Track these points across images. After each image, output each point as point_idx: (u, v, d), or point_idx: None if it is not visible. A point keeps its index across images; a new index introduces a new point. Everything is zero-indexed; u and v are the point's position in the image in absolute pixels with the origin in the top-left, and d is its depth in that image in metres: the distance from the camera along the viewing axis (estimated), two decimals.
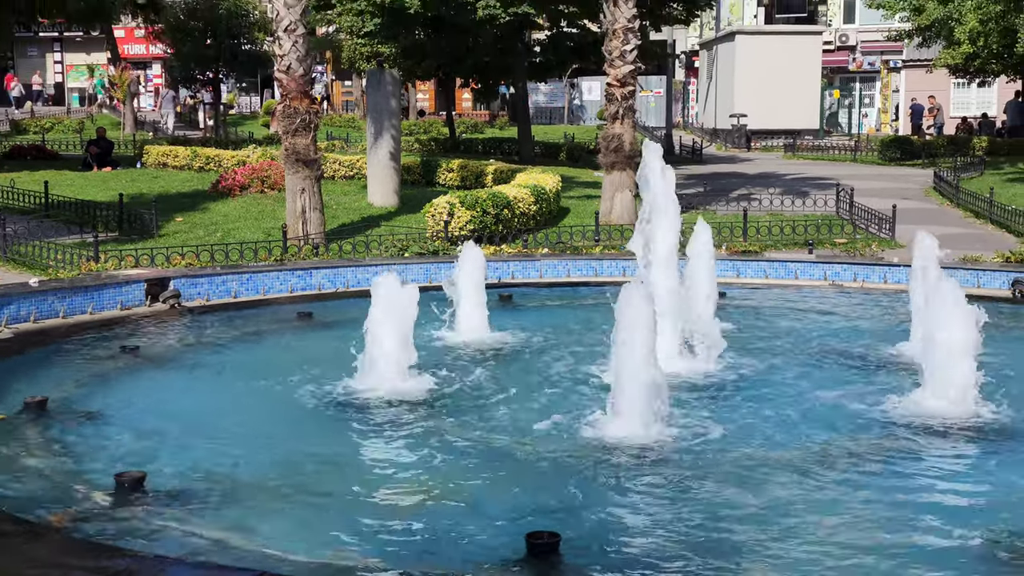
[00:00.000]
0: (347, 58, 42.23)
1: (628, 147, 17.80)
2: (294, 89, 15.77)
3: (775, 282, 12.96)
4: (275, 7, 15.86)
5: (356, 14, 26.99)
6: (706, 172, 28.53)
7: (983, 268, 12.34)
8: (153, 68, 57.09)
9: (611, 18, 17.69)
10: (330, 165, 23.28)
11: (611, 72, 17.89)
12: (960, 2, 27.12)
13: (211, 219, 17.77)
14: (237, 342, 9.97)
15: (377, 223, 17.38)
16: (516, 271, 13.24)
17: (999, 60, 29.82)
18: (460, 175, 22.83)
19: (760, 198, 20.29)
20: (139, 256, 12.69)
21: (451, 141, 33.45)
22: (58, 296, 10.44)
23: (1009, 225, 16.97)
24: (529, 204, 16.90)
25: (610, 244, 15.10)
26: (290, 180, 15.86)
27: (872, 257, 13.78)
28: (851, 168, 30.07)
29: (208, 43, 33.96)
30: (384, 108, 20.32)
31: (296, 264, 12.74)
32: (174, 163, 25.70)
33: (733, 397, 7.99)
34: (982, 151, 31.41)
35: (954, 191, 20.73)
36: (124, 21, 45.59)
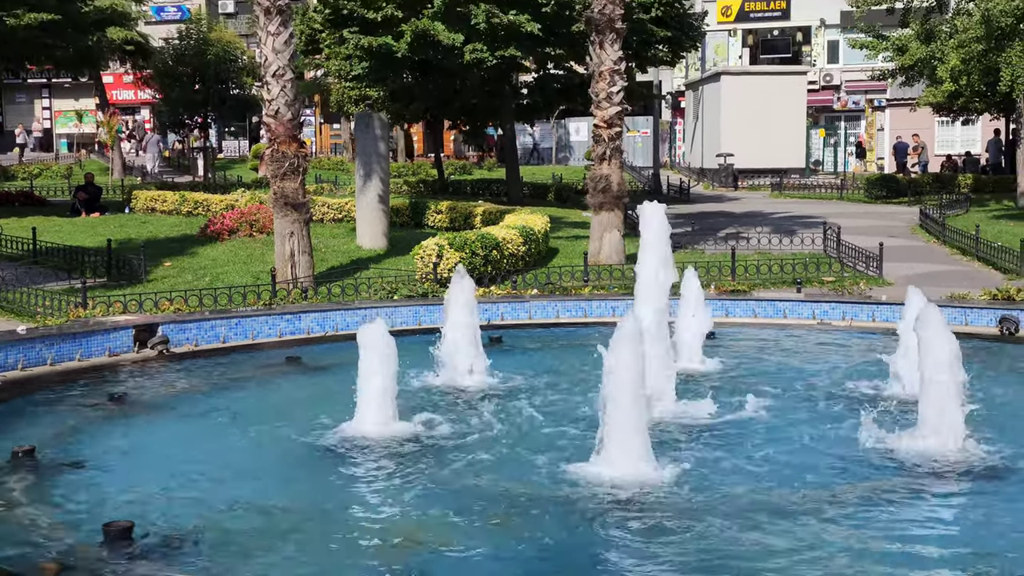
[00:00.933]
0: (335, 101, 42.34)
1: (616, 187, 17.86)
2: (282, 133, 15.82)
3: (764, 321, 12.98)
4: (263, 52, 15.91)
5: (344, 58, 27.11)
6: (694, 211, 28.64)
7: (970, 306, 12.38)
8: (141, 113, 57.27)
9: (597, 61, 17.82)
10: (319, 208, 23.31)
11: (598, 113, 17.99)
12: (943, 42, 27.40)
13: (200, 263, 17.75)
14: (225, 388, 9.93)
15: (366, 266, 17.39)
16: (505, 312, 13.26)
17: (982, 98, 30.10)
18: (449, 217, 22.88)
19: (748, 237, 20.37)
20: (127, 302, 12.66)
21: (440, 183, 33.54)
22: (46, 343, 10.41)
23: (995, 262, 17.05)
24: (518, 245, 16.93)
25: (599, 284, 15.13)
26: (279, 224, 15.86)
27: (860, 295, 13.83)
28: (838, 206, 30.23)
29: (196, 88, 34.08)
30: (372, 151, 20.40)
31: (285, 308, 12.73)
32: (162, 208, 25.70)
33: (723, 438, 7.97)
34: (967, 188, 31.66)
35: (940, 228, 20.84)
36: (112, 67, 45.82)
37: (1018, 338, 11.66)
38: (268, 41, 15.70)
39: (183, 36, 35.18)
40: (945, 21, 29.46)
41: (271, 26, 15.65)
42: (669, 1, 27.44)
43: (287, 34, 15.83)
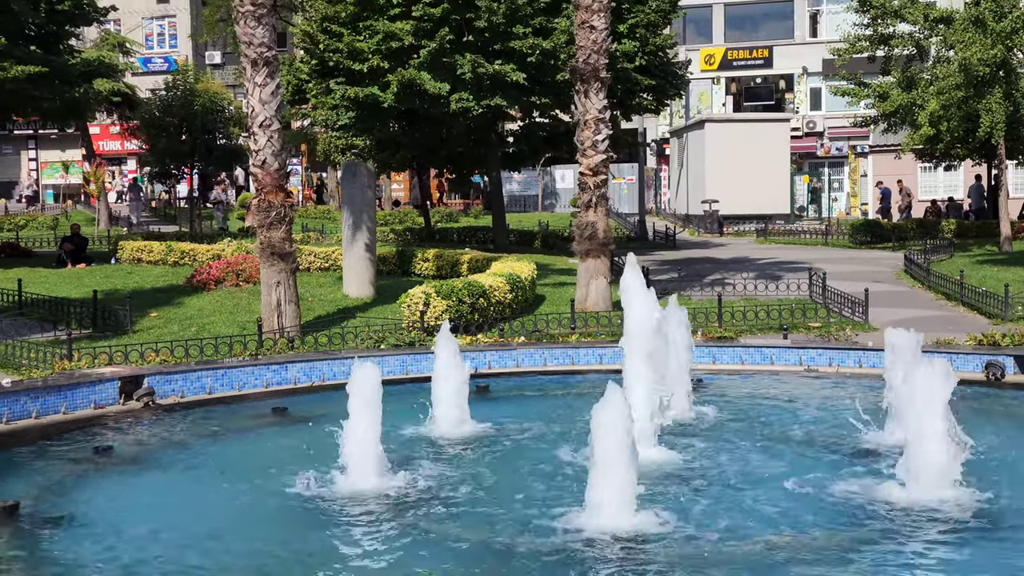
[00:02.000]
0: (322, 151, 42.59)
1: (602, 235, 17.91)
2: (269, 183, 15.85)
3: (751, 368, 12.98)
4: (250, 103, 15.98)
5: (331, 108, 27.28)
6: (680, 257, 28.75)
7: (956, 351, 12.41)
8: (128, 163, 57.40)
9: (582, 109, 17.95)
10: (305, 257, 23.32)
11: (583, 161, 18.09)
12: (923, 89, 27.71)
13: (186, 314, 17.70)
14: (212, 440, 9.87)
15: (353, 315, 17.35)
16: (493, 361, 13.22)
17: (963, 144, 30.40)
18: (435, 265, 22.90)
19: (734, 283, 20.43)
20: (113, 353, 12.60)
21: (426, 231, 33.63)
22: (31, 396, 10.34)
23: (980, 307, 17.12)
24: (505, 292, 16.95)
25: (586, 331, 15.13)
26: (265, 273, 15.85)
27: (846, 341, 13.86)
28: (823, 252, 30.38)
29: (183, 138, 34.18)
30: (359, 199, 20.43)
31: (271, 358, 12.68)
32: (148, 258, 25.67)
33: (711, 486, 7.94)
34: (951, 234, 31.87)
35: (925, 274, 20.94)
36: (99, 118, 45.97)
37: (1004, 383, 11.68)
38: (255, 92, 15.78)
39: (170, 87, 35.33)
40: (925, 69, 29.82)
41: (258, 77, 15.74)
42: (653, 50, 27.71)
43: (274, 85, 15.92)
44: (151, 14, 61.43)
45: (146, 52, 58.64)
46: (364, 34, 25.21)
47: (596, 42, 17.65)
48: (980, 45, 24.51)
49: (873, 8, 29.72)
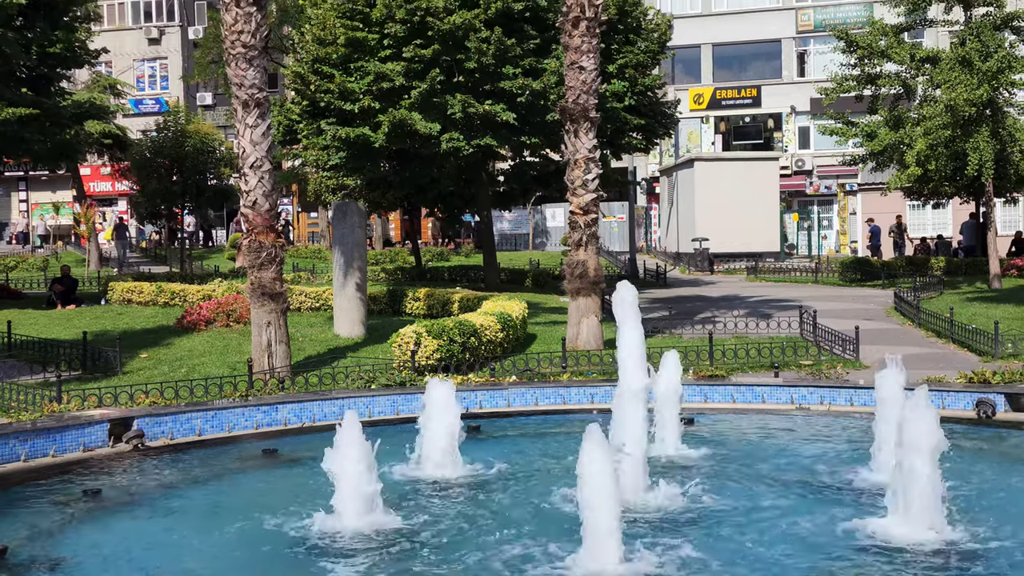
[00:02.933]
0: (313, 191, 42.65)
1: (593, 273, 17.93)
2: (260, 224, 15.86)
3: (743, 407, 12.96)
4: (241, 144, 16.00)
5: (321, 148, 27.35)
6: (671, 295, 28.79)
7: (947, 389, 12.41)
8: (119, 204, 57.44)
9: (572, 149, 18.02)
10: (296, 297, 23.31)
11: (574, 200, 18.14)
12: (911, 128, 27.92)
13: (176, 355, 17.66)
14: (201, 483, 9.80)
15: (344, 354, 17.33)
16: (484, 400, 13.19)
17: (951, 182, 30.59)
18: (426, 304, 22.91)
19: (725, 321, 20.45)
20: (103, 395, 12.54)
21: (417, 270, 33.65)
22: (19, 439, 10.28)
23: (971, 344, 17.16)
24: (496, 331, 16.95)
25: (577, 370, 15.12)
26: (256, 313, 15.83)
27: (838, 379, 13.86)
28: (813, 289, 30.45)
29: (174, 179, 34.23)
30: (350, 239, 20.47)
31: (261, 399, 12.64)
32: (139, 299, 25.64)
33: (705, 528, 7.91)
34: (940, 271, 31.98)
35: (915, 311, 21.00)
36: (90, 159, 46.04)
37: (995, 421, 11.67)
38: (246, 133, 15.82)
39: (161, 128, 35.43)
40: (912, 108, 30.06)
41: (249, 118, 15.79)
42: (642, 90, 27.88)
43: (265, 126, 15.96)
44: (143, 56, 61.72)
45: (137, 94, 58.85)
46: (355, 75, 25.34)
47: (585, 82, 17.76)
48: (966, 85, 24.73)
49: (860, 48, 29.99)
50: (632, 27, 28.07)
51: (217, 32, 37.71)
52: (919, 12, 29.83)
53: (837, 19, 50.30)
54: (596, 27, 17.89)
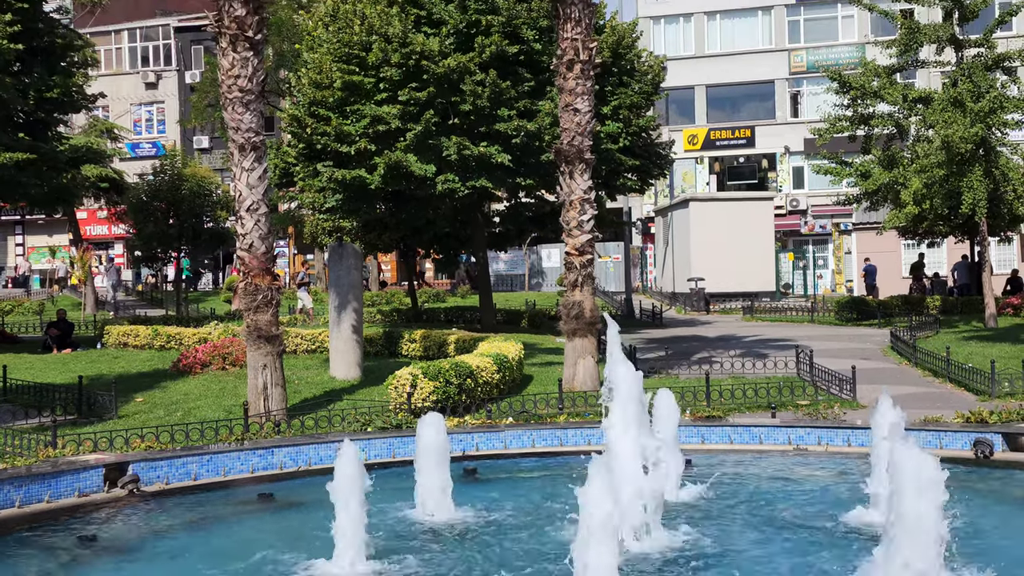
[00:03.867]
0: (309, 233, 42.75)
1: (589, 314, 17.94)
2: (256, 267, 15.86)
3: (740, 447, 12.93)
4: (237, 187, 16.03)
5: (318, 191, 27.44)
6: (667, 336, 28.79)
7: (944, 429, 12.38)
8: (115, 248, 57.52)
9: (567, 190, 18.09)
10: (292, 339, 23.28)
11: (569, 241, 18.18)
12: (905, 168, 28.06)
13: (172, 398, 17.61)
14: (196, 528, 9.75)
15: (340, 397, 17.28)
16: (480, 443, 13.15)
17: (945, 221, 30.69)
18: (423, 345, 22.88)
19: (721, 361, 20.43)
20: (98, 440, 12.49)
21: (413, 311, 33.64)
22: (14, 485, 10.23)
23: (967, 383, 17.14)
24: (492, 373, 16.92)
25: (574, 411, 15.08)
26: (252, 356, 15.80)
27: (835, 419, 13.83)
28: (809, 329, 30.46)
29: (171, 222, 34.30)
30: (346, 281, 20.47)
31: (257, 443, 12.59)
32: (135, 342, 25.59)
33: (704, 572, 7.87)
34: (936, 310, 32.00)
35: (911, 350, 20.99)
36: (87, 203, 46.15)
37: (992, 461, 11.64)
38: (242, 176, 15.86)
39: (158, 172, 35.54)
40: (906, 147, 30.24)
41: (245, 162, 15.84)
42: (636, 131, 28.03)
43: (261, 169, 16.00)
44: (140, 100, 62.06)
45: (134, 137, 59.15)
46: (351, 118, 25.49)
47: (580, 124, 17.87)
48: (960, 124, 24.91)
49: (853, 89, 30.21)
50: (626, 69, 28.28)
51: (214, 76, 37.92)
52: (911, 53, 30.10)
53: (830, 60, 50.71)
54: (590, 70, 18.03)
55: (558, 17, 18.15)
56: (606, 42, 26.73)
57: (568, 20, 17.87)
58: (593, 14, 18.81)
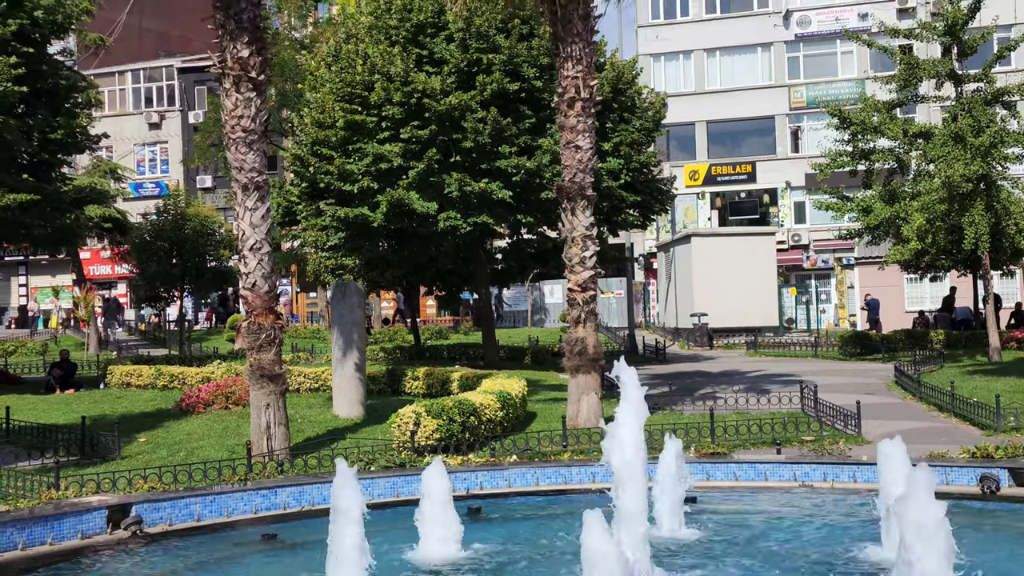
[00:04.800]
0: (312, 271, 42.79)
1: (592, 350, 17.91)
2: (259, 306, 15.87)
3: (745, 484, 12.87)
4: (241, 227, 16.07)
5: (320, 229, 27.51)
6: (670, 371, 28.72)
7: (950, 464, 12.32)
8: (118, 287, 57.60)
9: (569, 227, 18.13)
10: (295, 378, 23.26)
11: (571, 278, 18.19)
12: (906, 203, 28.10)
13: (175, 438, 17.56)
14: (199, 570, 9.71)
15: (343, 435, 17.23)
16: (484, 481, 13.09)
17: (948, 256, 30.68)
18: (426, 383, 22.85)
19: (725, 396, 20.38)
20: (101, 481, 12.45)
21: (416, 348, 33.61)
22: (17, 527, 10.19)
23: (973, 418, 17.08)
24: (495, 410, 16.88)
25: (578, 449, 15.02)
26: (255, 395, 15.78)
27: (840, 455, 13.77)
28: (813, 364, 30.39)
29: (174, 262, 34.34)
30: (349, 319, 20.48)
31: (260, 483, 12.54)
32: (138, 382, 25.57)
33: None
34: (940, 344, 31.92)
35: (916, 385, 20.93)
36: (90, 243, 46.24)
37: (999, 497, 11.57)
38: (246, 216, 15.91)
39: (161, 212, 35.63)
40: (907, 182, 30.30)
41: (248, 202, 15.89)
42: (638, 167, 28.12)
43: (264, 209, 16.05)
44: (143, 140, 62.36)
45: (138, 177, 59.35)
46: (354, 156, 25.60)
47: (582, 161, 17.94)
48: (963, 161, 24.97)
49: (853, 125, 30.32)
50: (627, 106, 28.41)
51: (217, 116, 38.10)
52: (911, 89, 30.23)
53: (829, 96, 50.96)
54: (591, 107, 18.12)
55: (559, 55, 18.26)
56: (607, 79, 26.88)
57: (569, 58, 17.98)
58: (593, 52, 18.93)
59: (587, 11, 18.12)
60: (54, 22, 28.65)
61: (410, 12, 26.43)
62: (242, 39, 15.70)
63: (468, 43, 25.77)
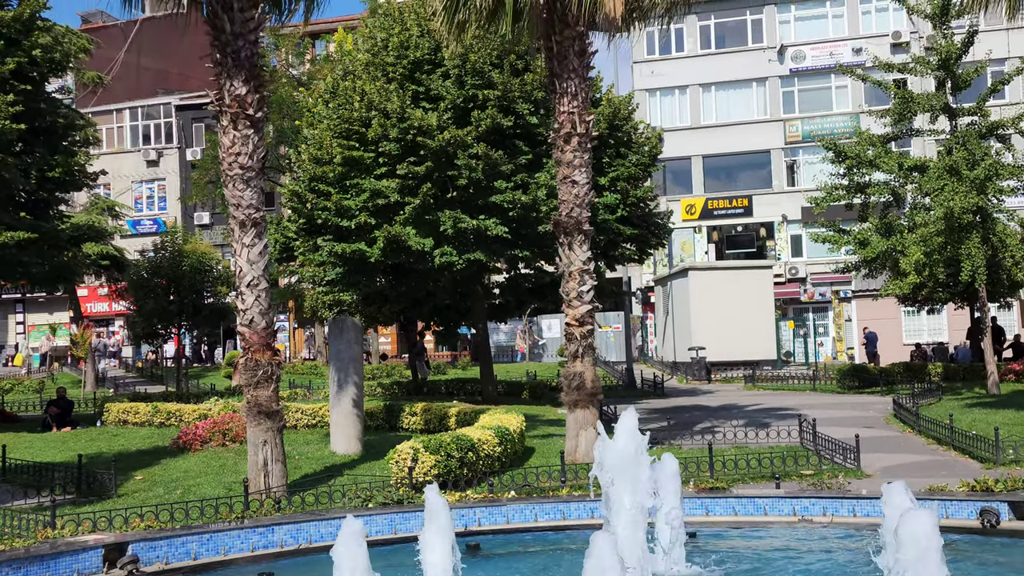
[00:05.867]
0: (309, 307, 42.79)
1: (590, 385, 17.89)
2: (256, 342, 15.85)
3: (744, 519, 12.81)
4: (238, 263, 16.07)
5: (318, 265, 27.56)
6: (669, 405, 28.66)
7: (950, 498, 12.27)
8: (115, 324, 57.53)
9: (567, 261, 18.16)
10: (292, 414, 23.21)
11: (569, 312, 18.20)
12: (903, 235, 28.17)
13: (171, 476, 17.50)
14: None
15: (340, 472, 17.17)
16: (483, 517, 13.02)
17: (945, 288, 30.71)
18: (424, 418, 22.80)
19: (724, 430, 20.33)
20: (97, 519, 12.38)
21: (414, 383, 33.56)
22: (12, 567, 10.12)
23: (972, 451, 17.02)
24: (494, 446, 16.83)
25: (576, 484, 14.95)
26: (252, 433, 15.73)
27: (839, 489, 13.71)
28: (811, 397, 30.34)
29: (171, 299, 34.33)
30: (346, 355, 20.45)
31: (257, 521, 12.47)
32: (135, 419, 25.50)
33: None
34: (938, 377, 31.89)
35: (914, 418, 20.89)
36: (87, 280, 46.24)
37: (999, 530, 11.52)
38: (243, 252, 15.92)
39: (158, 248, 35.67)
40: (903, 215, 30.39)
41: (246, 238, 15.91)
42: (634, 202, 28.21)
43: (262, 245, 16.07)
44: (141, 177, 62.50)
45: (135, 214, 59.43)
46: (351, 192, 25.68)
47: (578, 196, 17.99)
48: (961, 194, 25.06)
49: (848, 158, 30.46)
50: (623, 141, 28.55)
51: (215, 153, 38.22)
52: (905, 122, 30.41)
53: (825, 129, 51.22)
54: (588, 142, 18.20)
55: (555, 91, 18.37)
56: (603, 115, 27.03)
57: (565, 94, 18.09)
58: (589, 88, 19.05)
59: (582, 48, 18.25)
60: (52, 60, 28.83)
61: (407, 49, 26.61)
62: (240, 77, 15.79)
63: (464, 79, 25.93)
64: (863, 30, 53.53)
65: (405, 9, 28.00)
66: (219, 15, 15.74)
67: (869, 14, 53.75)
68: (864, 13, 53.81)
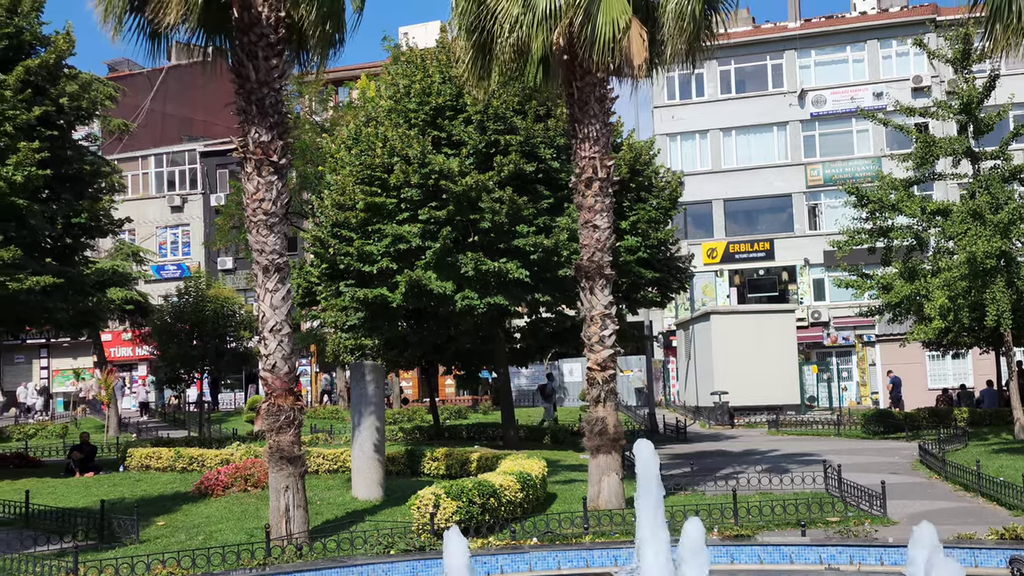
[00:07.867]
0: (331, 351, 42.85)
1: (612, 430, 17.80)
2: (279, 387, 15.86)
3: (770, 567, 12.66)
4: (261, 308, 16.13)
5: (340, 309, 27.66)
6: (691, 451, 28.47)
7: (979, 546, 12.10)
8: (139, 369, 57.75)
9: (588, 305, 18.15)
10: (314, 459, 23.16)
11: (591, 357, 18.16)
12: (927, 280, 28.01)
13: (193, 521, 17.46)
14: None
15: (362, 518, 17.11)
16: (505, 564, 12.92)
17: (970, 333, 30.47)
18: (445, 464, 22.71)
19: (748, 476, 20.16)
20: (119, 566, 12.36)
21: (435, 428, 33.48)
22: None
23: (1000, 498, 16.81)
24: (515, 492, 16.72)
25: (599, 531, 14.85)
26: (274, 478, 15.70)
27: (866, 536, 13.55)
28: (836, 443, 30.09)
29: (194, 343, 34.46)
30: (367, 400, 20.43)
31: (279, 568, 12.42)
32: (157, 465, 25.50)
33: None
34: (964, 422, 31.58)
35: (941, 464, 20.67)
36: (111, 325, 46.50)
37: None
38: (266, 297, 15.98)
39: (182, 293, 35.86)
40: (926, 259, 30.24)
41: (269, 283, 15.97)
42: (655, 245, 28.23)
43: (284, 290, 16.12)
44: (165, 223, 62.99)
45: (160, 259, 59.83)
46: (373, 237, 25.80)
47: (600, 240, 18.02)
48: (985, 238, 24.93)
49: (871, 203, 30.39)
50: (644, 185, 28.62)
51: (239, 199, 38.52)
52: (927, 166, 30.35)
53: (846, 173, 51.19)
54: (609, 187, 18.26)
55: (576, 136, 18.46)
56: (624, 160, 27.13)
57: (586, 139, 18.17)
58: (610, 133, 19.14)
59: (603, 94, 18.36)
60: (79, 108, 29.18)
61: (429, 96, 26.84)
62: (264, 124, 15.93)
63: (486, 125, 26.10)
64: (884, 74, 53.59)
65: (427, 56, 28.28)
66: (244, 64, 15.91)
67: (890, 59, 53.82)
68: (885, 58, 53.90)
